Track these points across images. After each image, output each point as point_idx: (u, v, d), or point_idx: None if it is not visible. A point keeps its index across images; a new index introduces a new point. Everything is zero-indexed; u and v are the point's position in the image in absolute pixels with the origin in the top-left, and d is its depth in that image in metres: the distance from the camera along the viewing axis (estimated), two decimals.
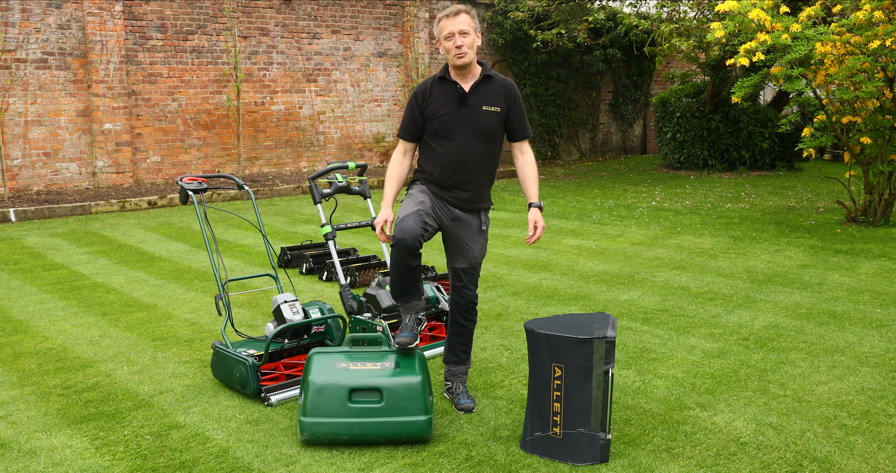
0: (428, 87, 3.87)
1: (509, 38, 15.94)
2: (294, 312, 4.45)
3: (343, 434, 3.53)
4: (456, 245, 3.98)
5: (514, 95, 3.90)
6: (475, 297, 4.01)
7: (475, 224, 3.97)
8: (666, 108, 15.92)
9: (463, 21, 3.74)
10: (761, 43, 8.01)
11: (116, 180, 11.93)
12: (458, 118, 3.81)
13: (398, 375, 3.59)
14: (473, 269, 3.98)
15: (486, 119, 3.83)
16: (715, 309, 5.80)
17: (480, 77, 3.83)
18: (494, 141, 3.90)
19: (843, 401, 4.06)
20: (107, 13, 11.55)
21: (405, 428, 3.54)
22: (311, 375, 3.56)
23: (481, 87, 3.83)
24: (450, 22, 3.75)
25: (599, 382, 3.39)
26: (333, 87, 14.29)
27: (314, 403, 3.52)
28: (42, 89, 11.26)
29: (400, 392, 3.54)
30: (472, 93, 3.82)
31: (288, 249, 7.52)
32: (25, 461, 3.48)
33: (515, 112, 3.91)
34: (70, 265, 7.46)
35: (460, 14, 3.76)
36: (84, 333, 5.34)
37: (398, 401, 3.53)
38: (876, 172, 9.02)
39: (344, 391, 3.53)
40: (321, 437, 3.54)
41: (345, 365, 3.60)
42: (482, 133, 3.83)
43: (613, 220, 9.96)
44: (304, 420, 3.52)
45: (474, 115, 3.81)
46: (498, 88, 3.86)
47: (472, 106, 3.81)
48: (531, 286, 6.55)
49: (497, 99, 3.85)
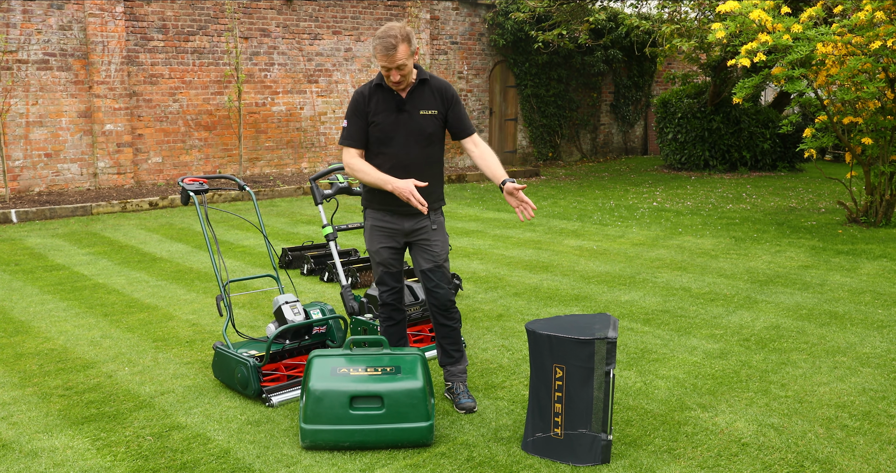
0: (367, 93, 3.89)
1: (510, 39, 15.94)
2: (295, 313, 4.45)
3: (344, 441, 3.52)
4: (416, 251, 4.03)
5: (449, 95, 3.93)
6: (450, 294, 4.02)
7: (427, 225, 3.99)
8: (667, 108, 15.92)
9: (399, 57, 3.67)
10: (762, 43, 8.01)
11: (118, 181, 11.94)
12: (397, 124, 3.86)
13: (399, 380, 3.56)
14: (440, 267, 4.00)
15: (424, 123, 3.88)
16: (716, 310, 5.79)
17: (417, 81, 3.86)
18: (434, 143, 3.95)
19: (845, 402, 4.06)
20: (108, 14, 11.56)
21: (407, 435, 3.53)
22: (312, 381, 3.54)
23: (417, 91, 3.87)
24: (386, 59, 3.67)
25: (601, 383, 3.39)
26: (334, 87, 14.29)
27: (314, 410, 3.50)
28: (43, 90, 11.27)
29: (401, 399, 3.52)
30: (408, 98, 3.86)
31: (289, 249, 7.52)
32: (27, 461, 3.48)
33: (453, 112, 3.94)
34: (71, 266, 7.47)
35: (397, 49, 3.65)
36: (85, 334, 5.35)
37: (399, 408, 3.51)
38: (877, 172, 9.01)
39: (345, 398, 3.51)
40: (322, 444, 3.53)
41: (345, 370, 3.58)
42: (422, 137, 3.89)
43: (614, 221, 9.96)
44: (305, 427, 3.51)
45: (413, 120, 3.86)
46: (434, 91, 3.90)
47: (409, 112, 3.85)
48: (532, 287, 6.55)
49: (433, 102, 3.89)
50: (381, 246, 4.02)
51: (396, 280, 4.12)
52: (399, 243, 4.03)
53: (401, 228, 3.98)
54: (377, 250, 4.04)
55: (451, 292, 4.04)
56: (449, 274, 4.06)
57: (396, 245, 4.02)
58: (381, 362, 3.65)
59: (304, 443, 3.54)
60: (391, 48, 3.66)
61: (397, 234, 4.00)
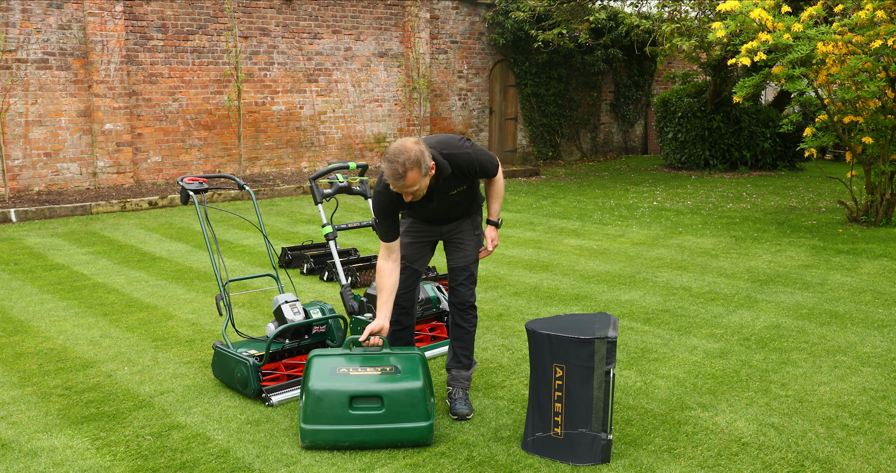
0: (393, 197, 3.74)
1: (510, 38, 15.93)
2: (295, 312, 4.44)
3: (344, 440, 3.51)
4: (451, 245, 4.07)
5: (472, 170, 3.80)
6: (471, 297, 4.02)
7: (467, 227, 4.04)
8: (667, 108, 15.91)
9: (410, 183, 3.51)
10: (763, 43, 8.00)
11: (117, 181, 11.93)
12: (428, 206, 3.83)
13: (399, 381, 3.55)
14: (468, 268, 4.01)
15: (455, 198, 3.88)
16: (716, 309, 5.79)
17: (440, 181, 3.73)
18: (469, 195, 3.96)
19: (845, 401, 4.05)
20: (107, 13, 11.55)
21: (407, 434, 3.52)
22: (311, 381, 3.53)
23: (442, 184, 3.77)
24: (396, 184, 3.52)
25: (601, 382, 3.38)
26: (334, 87, 14.29)
27: (314, 410, 3.49)
28: (43, 90, 11.26)
29: (401, 399, 3.51)
30: (436, 191, 3.77)
31: (289, 249, 7.51)
32: (26, 461, 3.48)
33: (479, 176, 3.90)
34: (71, 266, 7.46)
35: (405, 177, 3.48)
36: (85, 333, 5.34)
37: (399, 408, 3.50)
38: (878, 171, 9.01)
39: (344, 398, 3.50)
40: (322, 444, 3.52)
41: (345, 370, 3.56)
42: (455, 204, 3.92)
43: (615, 220, 9.95)
44: (305, 427, 3.51)
45: (444, 200, 3.84)
46: (457, 175, 3.78)
47: (439, 197, 3.81)
48: (532, 286, 6.54)
49: (458, 182, 3.81)
50: (408, 241, 4.03)
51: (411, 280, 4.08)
52: (431, 239, 4.05)
53: (437, 229, 4.05)
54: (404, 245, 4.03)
55: (471, 294, 4.03)
56: (476, 275, 4.07)
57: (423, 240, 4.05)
58: (381, 361, 3.63)
59: (304, 443, 3.53)
60: (399, 177, 3.49)
61: (433, 233, 4.06)
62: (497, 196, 4.07)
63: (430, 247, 4.10)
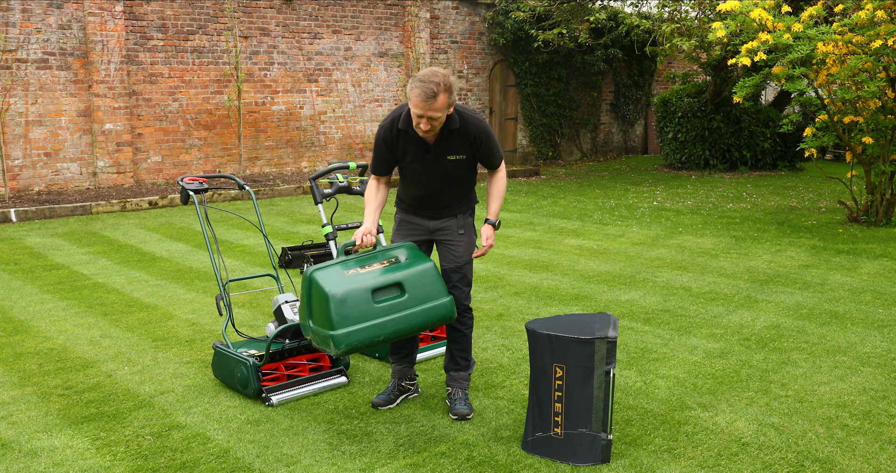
0: (393, 136, 3.80)
1: (510, 38, 15.93)
2: (295, 312, 4.44)
3: (378, 335, 3.43)
4: (441, 250, 4.06)
5: (479, 139, 3.81)
6: (466, 299, 4.01)
7: (452, 226, 4.00)
8: (667, 108, 15.91)
9: (438, 107, 3.53)
10: (763, 42, 8.00)
11: (117, 181, 11.93)
12: (424, 167, 3.84)
13: (409, 266, 3.58)
14: (460, 269, 3.99)
15: (450, 167, 3.85)
16: (716, 309, 5.79)
17: (445, 132, 3.74)
18: (465, 180, 3.97)
19: (845, 401, 4.05)
20: (107, 13, 11.55)
21: (434, 313, 3.54)
22: (328, 288, 3.43)
23: (445, 139, 3.77)
24: (423, 105, 3.52)
25: (601, 382, 3.38)
26: (334, 87, 14.29)
27: (341, 314, 3.40)
28: (43, 89, 11.26)
29: (419, 280, 3.55)
30: (435, 145, 3.79)
31: (289, 249, 7.51)
32: (26, 461, 3.48)
33: (482, 153, 3.89)
34: (71, 266, 7.46)
35: (436, 98, 3.49)
36: (85, 333, 5.34)
37: (420, 289, 3.53)
38: (878, 171, 9.01)
39: (367, 293, 3.46)
40: (357, 345, 3.41)
41: (353, 272, 3.54)
42: (450, 179, 3.90)
43: (615, 220, 9.95)
44: (337, 334, 3.38)
45: (439, 164, 3.83)
46: (462, 137, 3.78)
47: (435, 155, 3.81)
48: (532, 287, 6.54)
49: (461, 147, 3.81)
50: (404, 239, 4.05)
51: None
52: (422, 238, 4.04)
53: (426, 226, 4.03)
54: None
55: (466, 296, 4.02)
56: (470, 277, 4.05)
57: (419, 240, 4.04)
58: (380, 257, 3.65)
59: (339, 350, 3.40)
60: (431, 96, 3.49)
61: (422, 230, 4.04)
62: (498, 195, 4.01)
63: (423, 248, 4.06)
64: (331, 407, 4.05)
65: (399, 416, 3.94)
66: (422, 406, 4.06)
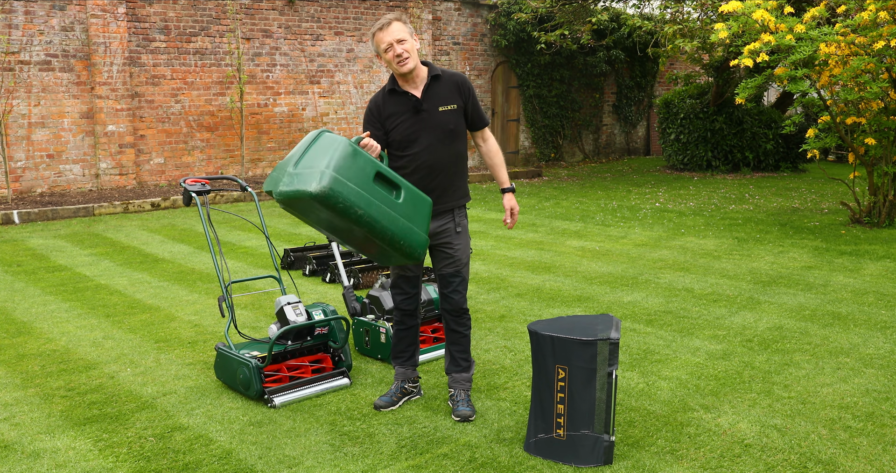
0: (380, 101, 3.86)
1: (512, 40, 15.93)
2: (297, 314, 4.44)
3: (358, 207, 3.33)
4: (437, 254, 4.00)
5: (466, 87, 3.90)
6: (463, 301, 4.00)
7: (450, 227, 3.95)
8: (669, 109, 15.90)
9: (396, 30, 3.73)
10: (765, 44, 8.00)
11: (120, 182, 11.95)
12: (417, 125, 3.82)
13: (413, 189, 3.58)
14: (459, 273, 3.97)
15: (445, 119, 3.84)
16: (719, 311, 5.78)
17: (429, 79, 3.82)
18: (458, 138, 3.93)
19: (848, 403, 4.04)
20: (110, 15, 11.57)
21: (410, 236, 3.50)
22: (344, 140, 3.40)
23: (432, 88, 3.83)
24: (384, 33, 3.74)
25: (603, 384, 3.38)
26: (336, 88, 14.30)
27: (343, 164, 3.34)
28: (45, 91, 11.28)
29: (416, 200, 3.54)
30: (425, 97, 3.81)
31: (291, 250, 7.52)
32: (29, 462, 3.48)
33: (471, 104, 3.92)
34: (73, 267, 7.47)
35: (392, 24, 3.75)
36: (87, 335, 5.35)
37: (412, 207, 3.52)
38: (880, 173, 9.00)
39: (372, 170, 3.44)
40: (337, 196, 3.29)
41: None
42: (445, 134, 3.86)
43: (617, 221, 9.95)
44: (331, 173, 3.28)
45: (433, 118, 3.82)
46: (450, 85, 3.86)
47: (428, 110, 3.81)
48: (534, 288, 6.54)
49: (451, 96, 3.86)
50: None
51: (412, 286, 4.05)
52: None
53: None
54: None
55: (464, 299, 4.00)
56: (467, 280, 4.03)
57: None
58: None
59: (320, 185, 3.26)
60: (386, 24, 3.74)
61: None
62: (500, 162, 4.05)
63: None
64: (333, 409, 4.05)
65: (401, 418, 3.94)
66: (424, 408, 4.06)
